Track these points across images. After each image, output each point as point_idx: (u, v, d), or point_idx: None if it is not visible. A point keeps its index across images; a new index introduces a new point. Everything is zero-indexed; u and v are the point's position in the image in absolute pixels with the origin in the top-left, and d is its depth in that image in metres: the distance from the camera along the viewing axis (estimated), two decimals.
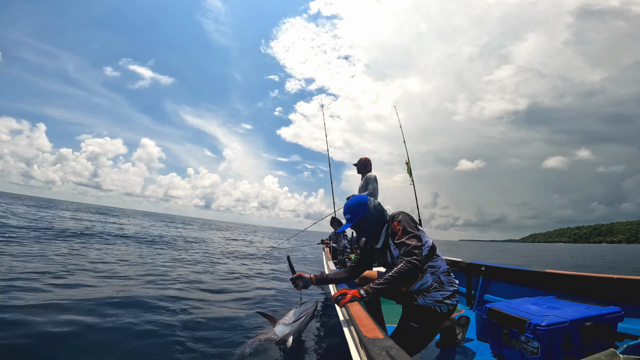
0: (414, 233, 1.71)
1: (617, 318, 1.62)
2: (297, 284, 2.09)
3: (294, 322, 2.55)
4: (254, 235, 24.41)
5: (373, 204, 1.94)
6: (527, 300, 1.99)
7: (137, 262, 6.46)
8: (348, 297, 1.56)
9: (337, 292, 1.67)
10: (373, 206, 1.93)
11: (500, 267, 2.96)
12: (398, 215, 1.83)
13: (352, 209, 1.93)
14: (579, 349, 1.54)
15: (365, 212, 1.90)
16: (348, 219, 1.95)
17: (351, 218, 1.93)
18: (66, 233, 9.92)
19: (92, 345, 2.39)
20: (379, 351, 0.91)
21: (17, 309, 2.83)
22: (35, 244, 7.07)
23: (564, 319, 1.55)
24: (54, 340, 2.37)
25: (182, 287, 4.52)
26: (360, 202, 1.94)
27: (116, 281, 4.45)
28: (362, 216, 1.90)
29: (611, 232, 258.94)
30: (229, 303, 4.06)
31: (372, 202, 1.95)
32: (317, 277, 2.11)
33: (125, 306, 3.29)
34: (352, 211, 1.93)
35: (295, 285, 2.10)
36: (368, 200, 1.95)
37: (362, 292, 1.57)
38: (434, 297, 1.74)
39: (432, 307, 1.73)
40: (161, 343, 2.56)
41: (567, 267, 13.86)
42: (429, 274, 1.78)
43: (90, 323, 2.74)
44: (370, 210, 1.91)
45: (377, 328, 1.14)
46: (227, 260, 8.55)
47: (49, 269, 4.71)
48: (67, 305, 3.12)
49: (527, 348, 1.60)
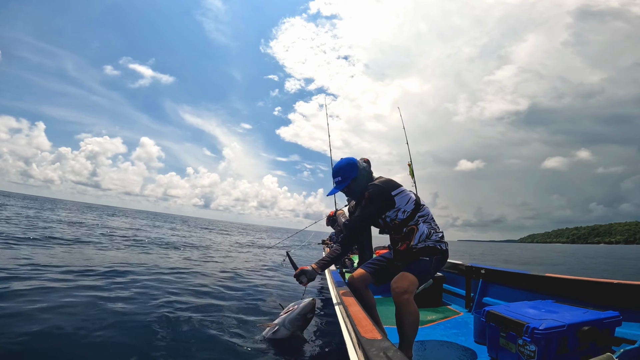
0: (369, 210, 1.87)
1: (615, 323, 1.63)
2: (302, 280, 1.96)
3: (288, 321, 2.50)
4: (268, 239, 24.10)
5: (362, 165, 1.96)
6: (526, 304, 1.99)
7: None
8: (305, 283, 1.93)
9: (297, 270, 1.97)
10: (362, 167, 1.95)
11: (500, 271, 2.96)
12: (373, 186, 1.88)
13: (342, 170, 1.92)
14: (576, 353, 1.55)
15: (356, 173, 1.92)
16: (339, 182, 1.94)
17: (342, 180, 1.93)
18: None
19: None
20: (377, 352, 0.92)
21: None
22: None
23: (562, 323, 1.56)
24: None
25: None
26: (350, 163, 1.94)
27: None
28: (354, 177, 1.91)
29: (609, 233, 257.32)
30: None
31: (361, 163, 1.97)
32: (318, 264, 2.02)
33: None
34: (342, 173, 1.92)
35: (300, 282, 1.97)
36: (357, 161, 1.96)
37: (312, 267, 1.92)
38: (434, 239, 1.88)
39: (435, 245, 1.86)
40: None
41: (552, 267, 14.00)
42: (422, 223, 1.89)
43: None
44: (361, 171, 1.93)
45: (375, 329, 1.15)
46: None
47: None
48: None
49: (523, 351, 1.60)
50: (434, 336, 2.38)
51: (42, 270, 4.33)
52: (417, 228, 1.88)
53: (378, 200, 1.85)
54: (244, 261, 8.69)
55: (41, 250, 6.16)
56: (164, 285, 4.38)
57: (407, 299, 1.68)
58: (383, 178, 1.95)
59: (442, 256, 1.89)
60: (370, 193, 1.87)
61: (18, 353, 2.13)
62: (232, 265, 7.40)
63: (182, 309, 3.39)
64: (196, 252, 9.42)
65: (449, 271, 3.60)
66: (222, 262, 7.80)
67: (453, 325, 2.66)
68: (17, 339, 2.27)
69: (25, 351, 2.17)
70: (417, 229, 1.88)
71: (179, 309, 3.37)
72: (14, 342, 2.23)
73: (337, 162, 1.98)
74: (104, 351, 2.30)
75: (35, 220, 13.06)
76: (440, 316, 2.93)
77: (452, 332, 2.48)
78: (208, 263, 7.40)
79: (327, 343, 2.81)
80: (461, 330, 2.52)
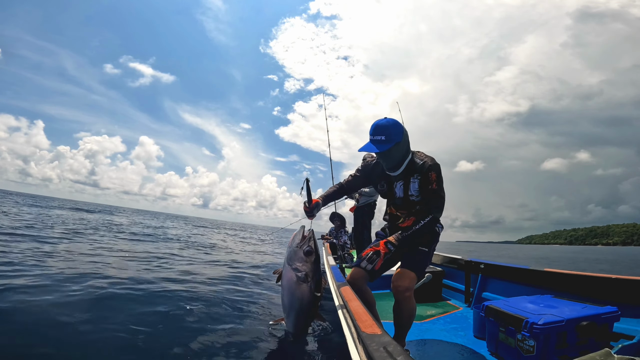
0: (442, 189, 1.79)
1: (613, 318, 1.64)
2: (314, 213, 1.95)
3: (288, 260, 2.03)
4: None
5: (405, 130, 1.79)
6: (525, 299, 2.00)
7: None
8: (382, 255, 1.78)
9: (368, 250, 1.86)
10: (406, 133, 1.79)
11: (499, 265, 2.97)
12: (435, 166, 1.77)
13: (388, 130, 1.69)
14: (574, 348, 1.56)
15: (400, 137, 1.72)
16: (381, 141, 1.70)
17: (386, 140, 1.69)
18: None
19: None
20: (377, 347, 0.93)
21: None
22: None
23: (561, 318, 1.56)
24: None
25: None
26: (397, 124, 1.74)
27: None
28: (397, 142, 1.71)
29: (607, 235, 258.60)
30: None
31: (404, 128, 1.79)
32: (322, 198, 2.03)
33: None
34: (389, 133, 1.69)
35: (310, 215, 1.95)
36: (401, 124, 1.78)
37: (390, 246, 1.77)
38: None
39: (435, 228, 1.87)
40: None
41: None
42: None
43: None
44: (404, 137, 1.76)
45: (375, 324, 1.16)
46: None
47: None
48: None
49: (523, 346, 1.62)
50: (434, 331, 2.40)
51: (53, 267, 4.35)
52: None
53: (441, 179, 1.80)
54: (243, 256, 8.73)
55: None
56: (164, 286, 4.40)
57: (408, 296, 1.73)
58: (425, 154, 1.84)
59: (437, 239, 1.94)
60: (438, 174, 1.76)
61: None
62: (231, 262, 7.43)
63: (182, 308, 3.41)
64: (195, 250, 9.46)
65: (448, 266, 3.61)
66: (220, 260, 7.84)
67: (453, 320, 2.68)
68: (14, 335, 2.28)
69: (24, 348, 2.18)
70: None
71: (179, 307, 3.39)
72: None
73: (380, 120, 1.76)
74: (104, 351, 2.31)
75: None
76: (440, 311, 2.95)
77: (451, 327, 2.49)
78: (208, 262, 7.44)
79: (327, 338, 2.83)
80: (461, 325, 2.53)
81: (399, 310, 1.79)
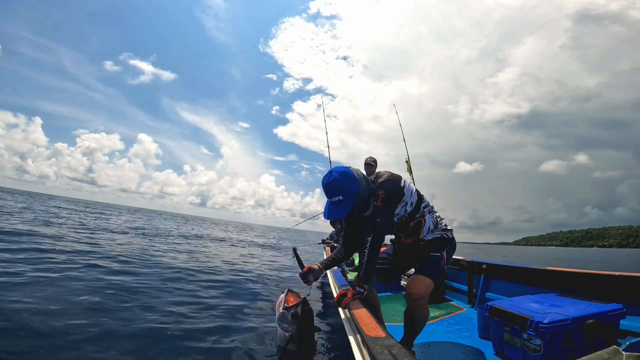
0: (389, 205, 1.63)
1: (619, 315, 1.62)
2: (308, 279, 1.89)
3: (278, 320, 2.31)
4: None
5: (358, 173, 1.67)
6: (528, 298, 1.99)
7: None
8: (349, 297, 1.63)
9: (337, 294, 1.72)
10: (360, 176, 1.66)
11: (501, 265, 2.95)
12: (386, 182, 1.64)
13: (343, 186, 1.57)
14: (581, 347, 1.54)
15: (357, 185, 1.60)
16: (340, 201, 1.58)
17: (345, 198, 1.57)
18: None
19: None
20: (381, 350, 0.92)
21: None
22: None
23: (566, 316, 1.55)
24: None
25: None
26: (346, 175, 1.60)
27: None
28: (357, 192, 1.59)
29: (603, 237, 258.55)
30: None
31: (356, 171, 1.67)
32: (323, 264, 1.94)
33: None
34: (343, 190, 1.57)
35: (306, 281, 1.90)
36: (353, 172, 1.63)
37: (358, 288, 1.66)
38: (441, 228, 1.81)
39: (442, 236, 1.79)
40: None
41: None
42: (428, 214, 1.80)
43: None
44: (360, 181, 1.63)
45: (379, 327, 1.14)
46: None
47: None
48: None
49: (529, 346, 1.60)
50: (438, 333, 2.37)
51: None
52: (424, 220, 1.77)
53: (395, 198, 1.67)
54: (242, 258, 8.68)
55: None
56: (164, 285, 4.36)
57: (422, 304, 1.64)
58: (383, 171, 1.75)
59: (450, 245, 1.82)
60: (386, 191, 1.62)
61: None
62: (229, 263, 7.38)
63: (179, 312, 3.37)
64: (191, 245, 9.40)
65: (450, 267, 3.59)
66: (218, 260, 7.79)
67: (457, 322, 2.66)
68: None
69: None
70: (425, 220, 1.77)
71: (176, 313, 3.35)
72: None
73: (329, 178, 1.60)
74: (104, 351, 2.28)
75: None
76: (444, 312, 2.92)
77: (455, 329, 2.47)
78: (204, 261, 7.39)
79: (331, 342, 2.80)
80: (465, 326, 2.51)
81: (412, 317, 1.69)
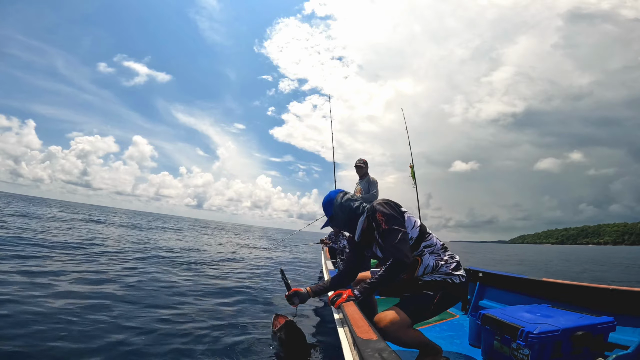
0: (397, 225, 1.59)
1: (609, 328, 1.64)
2: (294, 301, 1.89)
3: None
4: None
5: (340, 201, 1.84)
6: (521, 308, 2.00)
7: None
8: (344, 297, 1.61)
9: (333, 293, 1.72)
10: (339, 204, 1.83)
11: (497, 274, 2.97)
12: (381, 205, 1.67)
13: (324, 208, 1.94)
14: (569, 358, 1.56)
15: (331, 212, 1.88)
16: (327, 216, 1.96)
17: (326, 215, 1.95)
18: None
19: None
20: (372, 353, 0.93)
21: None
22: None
23: (557, 327, 1.56)
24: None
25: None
26: (329, 202, 1.89)
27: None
28: (330, 215, 1.90)
29: (598, 234, 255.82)
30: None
31: (340, 199, 1.85)
32: (313, 289, 1.92)
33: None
34: (324, 209, 1.95)
35: (291, 303, 1.90)
36: (335, 197, 1.87)
37: (356, 292, 1.62)
38: (443, 271, 1.65)
39: (443, 279, 1.64)
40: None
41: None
42: (428, 254, 1.67)
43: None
44: (335, 209, 1.85)
45: (371, 329, 1.16)
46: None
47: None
48: None
49: (517, 355, 1.62)
50: (430, 338, 2.39)
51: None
52: (421, 260, 1.66)
53: (397, 217, 1.62)
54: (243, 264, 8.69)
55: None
56: (163, 286, 4.39)
57: (395, 337, 1.48)
58: (380, 199, 1.75)
59: (452, 291, 1.63)
60: (383, 214, 1.62)
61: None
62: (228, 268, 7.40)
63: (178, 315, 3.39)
64: None
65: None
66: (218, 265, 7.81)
67: (449, 328, 2.67)
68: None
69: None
70: (422, 260, 1.66)
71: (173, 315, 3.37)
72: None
73: (326, 196, 1.95)
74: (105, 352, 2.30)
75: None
76: (437, 318, 2.93)
77: (447, 335, 2.49)
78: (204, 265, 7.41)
79: (322, 343, 2.82)
80: (457, 333, 2.53)
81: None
